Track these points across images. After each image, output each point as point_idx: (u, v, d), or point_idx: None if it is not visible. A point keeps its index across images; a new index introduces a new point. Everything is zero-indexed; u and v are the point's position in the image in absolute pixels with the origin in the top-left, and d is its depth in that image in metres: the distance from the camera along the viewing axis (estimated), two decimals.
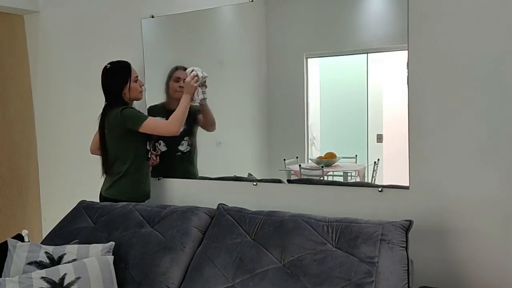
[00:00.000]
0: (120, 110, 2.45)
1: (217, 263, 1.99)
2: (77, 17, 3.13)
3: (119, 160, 2.55)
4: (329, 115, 2.43)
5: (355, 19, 2.24)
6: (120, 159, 2.55)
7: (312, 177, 2.42)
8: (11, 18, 3.28)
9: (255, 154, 2.62)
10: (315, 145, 2.45)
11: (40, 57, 3.35)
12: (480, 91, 1.99)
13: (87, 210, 2.46)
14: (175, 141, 2.74)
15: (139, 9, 2.84)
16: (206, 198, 2.56)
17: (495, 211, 2.00)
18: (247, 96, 2.58)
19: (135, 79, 2.57)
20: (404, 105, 2.13)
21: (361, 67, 2.30)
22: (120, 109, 2.46)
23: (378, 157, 2.29)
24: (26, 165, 3.40)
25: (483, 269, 2.04)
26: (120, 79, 2.53)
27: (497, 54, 1.94)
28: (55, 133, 3.34)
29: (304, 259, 1.86)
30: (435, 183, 2.10)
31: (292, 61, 2.44)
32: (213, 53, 2.65)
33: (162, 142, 2.79)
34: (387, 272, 1.71)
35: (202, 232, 2.19)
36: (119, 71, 2.54)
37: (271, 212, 2.12)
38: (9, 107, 3.29)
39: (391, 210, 2.18)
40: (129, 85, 2.53)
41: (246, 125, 2.61)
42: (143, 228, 2.23)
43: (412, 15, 2.08)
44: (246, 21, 2.56)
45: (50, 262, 1.99)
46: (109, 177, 2.60)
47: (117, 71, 2.54)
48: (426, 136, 2.10)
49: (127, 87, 2.53)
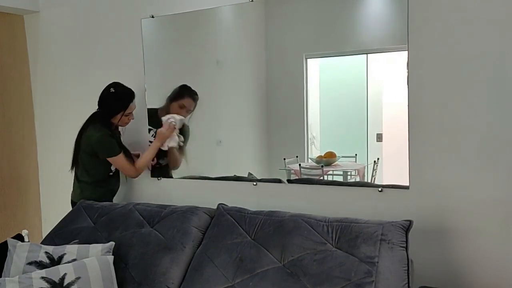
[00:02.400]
0: (97, 136, 2.52)
1: (217, 263, 1.99)
2: (77, 17, 3.12)
3: (84, 170, 2.65)
4: (329, 114, 2.43)
5: (355, 19, 2.24)
6: (85, 169, 2.64)
7: (312, 176, 2.42)
8: (11, 18, 3.28)
9: (255, 154, 2.62)
10: (315, 145, 2.46)
11: (40, 57, 3.35)
12: (480, 91, 1.99)
13: (87, 210, 2.46)
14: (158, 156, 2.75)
15: (139, 9, 2.84)
16: (206, 198, 2.55)
17: (495, 211, 2.00)
18: (247, 96, 2.58)
19: (127, 114, 2.60)
20: (404, 104, 2.13)
21: (361, 67, 2.29)
22: (99, 134, 2.52)
23: (378, 157, 2.29)
24: (26, 165, 3.40)
25: (483, 269, 2.04)
26: (113, 108, 2.58)
27: (497, 54, 1.94)
28: (55, 133, 3.34)
29: (304, 259, 1.86)
30: (435, 183, 2.10)
31: (291, 61, 2.44)
32: (213, 53, 2.65)
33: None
34: (387, 272, 1.71)
35: (202, 232, 2.19)
36: (117, 101, 2.57)
37: (271, 212, 2.12)
38: (9, 107, 3.29)
39: (391, 210, 2.18)
40: (120, 117, 2.59)
41: (246, 125, 2.61)
42: (143, 228, 2.23)
43: (412, 15, 2.08)
44: (246, 21, 2.56)
45: (50, 262, 1.99)
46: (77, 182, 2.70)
47: (116, 100, 2.57)
48: (426, 136, 2.10)
49: (116, 118, 2.59)
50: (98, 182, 2.67)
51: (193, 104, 2.68)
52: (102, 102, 2.60)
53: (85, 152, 2.60)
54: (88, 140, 2.55)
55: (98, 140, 2.53)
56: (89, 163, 2.62)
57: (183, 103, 2.69)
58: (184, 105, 2.69)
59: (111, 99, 2.57)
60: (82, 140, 2.59)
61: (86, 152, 2.59)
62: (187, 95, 2.69)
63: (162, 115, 2.70)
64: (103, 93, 2.60)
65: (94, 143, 2.54)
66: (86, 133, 2.57)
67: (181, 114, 2.67)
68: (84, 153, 2.60)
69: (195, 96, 2.68)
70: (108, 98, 2.57)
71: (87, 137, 2.56)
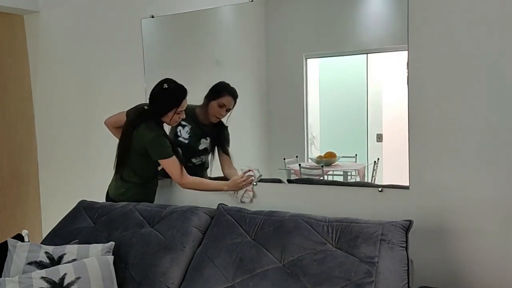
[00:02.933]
0: (152, 136, 2.41)
1: (217, 263, 1.99)
2: (77, 17, 3.13)
3: (132, 170, 2.53)
4: (329, 114, 2.43)
5: (355, 19, 2.24)
6: (133, 169, 2.53)
7: (312, 176, 2.42)
8: (11, 18, 3.28)
9: (255, 154, 2.62)
10: (314, 145, 2.46)
11: (40, 57, 3.35)
12: (480, 91, 1.99)
13: (87, 210, 2.46)
14: (192, 154, 2.69)
15: (139, 9, 2.84)
16: (206, 198, 2.55)
17: (495, 211, 2.00)
18: (247, 96, 2.58)
19: (179, 111, 2.47)
20: (404, 104, 2.13)
21: (360, 67, 2.30)
22: (154, 135, 2.41)
23: (378, 157, 2.29)
24: (26, 165, 3.40)
25: (483, 269, 2.04)
26: (166, 106, 2.45)
27: (497, 54, 1.94)
28: (55, 133, 3.34)
29: (304, 259, 1.86)
30: (435, 183, 2.10)
31: (291, 61, 2.44)
32: (213, 53, 2.65)
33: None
34: (387, 272, 1.71)
35: (202, 232, 2.19)
36: (170, 98, 2.44)
37: (271, 212, 2.12)
38: (9, 107, 3.29)
39: (391, 210, 2.18)
40: (172, 115, 2.46)
41: (246, 125, 2.61)
42: (143, 228, 2.23)
43: (412, 15, 2.08)
44: (246, 21, 2.56)
45: (50, 262, 1.99)
46: (121, 181, 2.57)
47: (169, 97, 2.44)
48: (426, 136, 2.10)
49: (168, 116, 2.46)
50: (145, 183, 2.58)
51: (232, 102, 2.56)
52: (154, 99, 2.46)
53: (136, 152, 2.47)
54: (142, 140, 2.43)
55: (153, 140, 2.41)
56: (139, 163, 2.51)
57: (223, 102, 2.57)
58: (224, 104, 2.57)
59: (164, 95, 2.44)
60: (133, 139, 2.45)
61: (138, 153, 2.47)
62: (227, 93, 2.57)
63: (200, 114, 2.63)
64: (154, 89, 2.47)
65: (148, 144, 2.42)
66: (139, 132, 2.44)
67: (221, 114, 2.58)
68: (135, 153, 2.48)
69: (235, 94, 2.56)
70: (162, 94, 2.44)
71: (140, 137, 2.43)
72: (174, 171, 2.46)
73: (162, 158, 2.44)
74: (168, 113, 2.45)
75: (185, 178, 2.48)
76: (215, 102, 2.59)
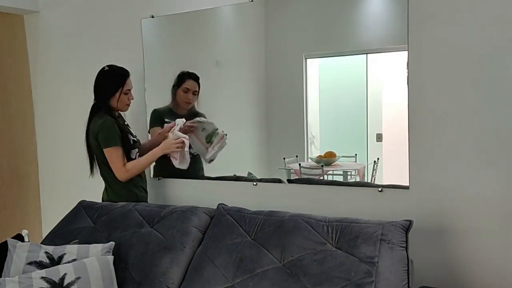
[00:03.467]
0: (100, 123, 2.39)
1: (217, 263, 1.99)
2: (77, 17, 3.13)
3: (104, 169, 2.51)
4: (329, 114, 2.43)
5: (355, 19, 2.24)
6: (104, 169, 2.51)
7: (312, 176, 2.42)
8: (11, 18, 3.28)
9: (255, 153, 2.62)
10: (314, 144, 2.46)
11: (40, 57, 3.35)
12: (480, 91, 1.99)
13: (87, 210, 2.46)
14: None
15: (139, 9, 2.84)
16: (206, 198, 2.55)
17: (495, 211, 2.00)
18: (247, 96, 2.59)
19: (126, 92, 2.48)
20: (404, 104, 2.13)
21: (360, 67, 2.30)
22: (101, 121, 2.40)
23: (378, 157, 2.29)
24: (26, 165, 3.40)
25: (483, 269, 2.04)
26: (111, 86, 2.46)
27: (497, 54, 1.94)
28: (55, 133, 3.34)
29: (304, 259, 1.86)
30: (435, 183, 2.10)
31: (291, 61, 2.44)
32: (213, 53, 2.65)
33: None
34: (387, 272, 1.71)
35: (202, 232, 2.19)
36: (113, 77, 2.47)
37: (271, 212, 2.12)
38: (9, 107, 3.29)
39: (391, 210, 2.18)
40: (118, 95, 2.46)
41: (246, 124, 2.61)
42: (143, 228, 2.23)
43: (412, 15, 2.08)
44: (246, 21, 2.56)
45: (50, 262, 1.99)
46: (105, 184, 2.57)
47: (112, 77, 2.47)
48: (426, 136, 2.10)
49: (115, 97, 2.47)
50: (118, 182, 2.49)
51: (195, 84, 2.66)
52: (98, 87, 2.48)
53: (95, 146, 2.44)
54: (93, 131, 2.41)
55: (101, 126, 2.39)
56: (105, 159, 2.44)
57: (186, 87, 2.68)
58: (188, 88, 2.68)
59: (107, 78, 2.46)
60: (89, 136, 2.45)
61: (96, 146, 2.44)
62: (187, 77, 2.68)
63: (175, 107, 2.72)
64: (97, 76, 2.49)
65: (98, 132, 2.39)
66: (91, 127, 2.44)
67: (188, 98, 2.68)
68: (95, 148, 2.45)
69: (196, 76, 2.66)
70: (104, 77, 2.46)
71: (92, 130, 2.42)
72: (115, 164, 2.41)
73: (107, 146, 2.38)
74: (115, 94, 2.45)
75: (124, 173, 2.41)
76: (180, 90, 2.70)
